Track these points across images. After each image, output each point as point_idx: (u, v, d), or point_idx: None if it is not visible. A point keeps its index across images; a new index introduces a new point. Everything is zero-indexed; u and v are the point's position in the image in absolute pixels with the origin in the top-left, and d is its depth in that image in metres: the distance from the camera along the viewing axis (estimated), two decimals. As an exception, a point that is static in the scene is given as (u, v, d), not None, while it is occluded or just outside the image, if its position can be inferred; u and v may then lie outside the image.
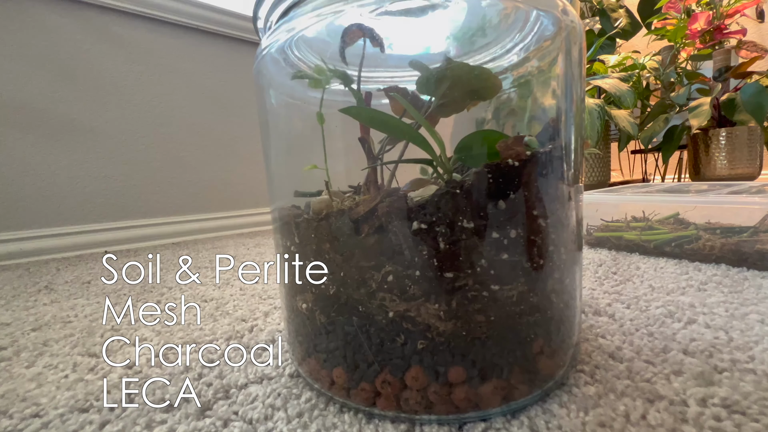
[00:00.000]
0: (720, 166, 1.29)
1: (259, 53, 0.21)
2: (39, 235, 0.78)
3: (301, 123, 0.25)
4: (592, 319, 0.28)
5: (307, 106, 0.22)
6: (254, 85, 0.23)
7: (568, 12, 0.18)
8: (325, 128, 0.22)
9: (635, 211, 0.54)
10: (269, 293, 0.41)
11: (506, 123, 0.25)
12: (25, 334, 0.33)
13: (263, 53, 0.21)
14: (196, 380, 0.23)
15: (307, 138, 0.24)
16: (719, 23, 1.53)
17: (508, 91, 0.22)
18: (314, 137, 0.22)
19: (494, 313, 0.17)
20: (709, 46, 1.56)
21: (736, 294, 0.31)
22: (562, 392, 0.19)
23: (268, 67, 0.21)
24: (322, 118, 0.23)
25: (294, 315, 0.21)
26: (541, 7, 0.18)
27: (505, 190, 0.16)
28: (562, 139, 0.19)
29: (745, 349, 0.22)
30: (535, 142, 0.20)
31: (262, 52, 0.21)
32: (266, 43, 0.20)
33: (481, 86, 0.21)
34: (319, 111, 0.23)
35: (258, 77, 0.22)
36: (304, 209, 0.21)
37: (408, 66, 0.21)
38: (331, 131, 0.22)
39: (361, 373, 0.18)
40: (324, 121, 0.23)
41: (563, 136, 0.19)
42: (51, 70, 0.80)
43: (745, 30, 1.52)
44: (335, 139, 0.22)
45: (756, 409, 0.17)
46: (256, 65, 0.22)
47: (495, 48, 0.23)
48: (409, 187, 0.24)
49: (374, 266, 0.17)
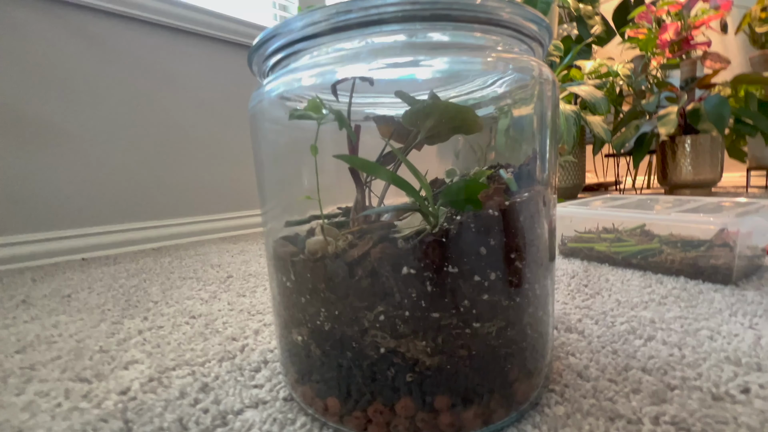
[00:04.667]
0: (685, 171, 1.37)
1: (257, 96, 0.22)
2: (10, 243, 0.75)
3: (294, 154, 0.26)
4: (564, 336, 0.30)
5: (303, 135, 0.23)
6: (250, 120, 0.24)
7: (543, 72, 0.20)
8: (316, 155, 0.23)
9: (606, 223, 0.58)
10: (258, 308, 0.42)
11: (482, 152, 0.27)
12: (8, 357, 0.33)
13: (261, 97, 0.22)
14: (192, 406, 0.24)
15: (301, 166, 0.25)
16: (686, 34, 1.61)
17: (487, 117, 0.24)
18: (307, 165, 0.23)
19: (475, 348, 0.18)
20: (677, 55, 1.64)
21: (691, 308, 0.35)
22: (535, 413, 0.21)
23: (266, 108, 0.22)
24: (315, 150, 0.24)
25: (289, 344, 0.22)
26: (518, 70, 0.20)
27: (486, 238, 0.18)
28: (538, 182, 0.21)
29: (694, 366, 0.25)
30: (512, 182, 0.22)
31: (260, 95, 0.22)
32: (264, 90, 0.21)
33: (464, 124, 0.22)
34: (313, 144, 0.24)
35: (255, 116, 0.23)
36: (298, 244, 0.22)
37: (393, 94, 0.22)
38: (322, 158, 0.23)
39: (354, 402, 0.19)
40: (317, 152, 0.24)
41: (539, 176, 0.21)
42: (21, 70, 0.77)
43: (710, 42, 1.61)
44: (326, 163, 0.23)
45: (699, 426, 0.19)
46: (253, 106, 0.23)
47: (478, 80, 0.24)
48: (394, 214, 0.25)
49: (367, 306, 0.18)
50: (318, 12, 0.18)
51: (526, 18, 0.19)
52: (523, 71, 0.20)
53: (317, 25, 0.18)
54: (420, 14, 0.17)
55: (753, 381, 0.23)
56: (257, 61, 0.22)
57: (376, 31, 0.18)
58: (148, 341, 0.34)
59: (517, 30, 0.19)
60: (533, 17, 0.19)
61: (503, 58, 0.19)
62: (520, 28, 0.19)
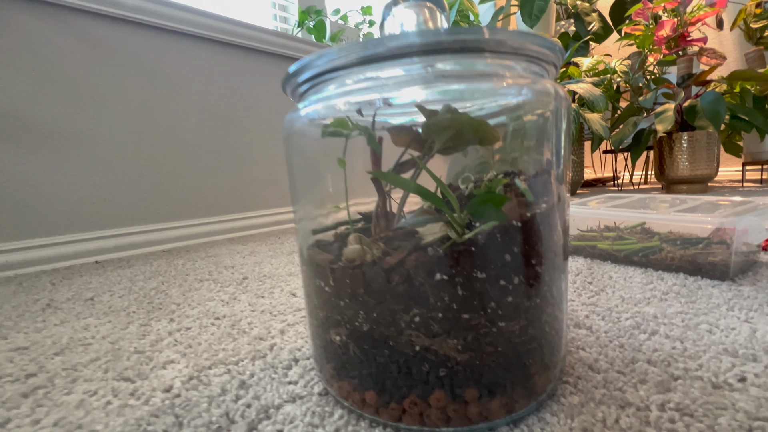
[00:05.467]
0: (682, 167, 1.39)
1: (292, 118, 0.24)
2: (24, 247, 0.76)
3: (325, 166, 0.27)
4: (573, 332, 0.32)
5: (332, 150, 0.25)
6: (285, 139, 0.26)
7: (558, 92, 0.22)
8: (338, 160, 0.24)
9: (608, 221, 0.60)
10: (278, 309, 0.44)
11: (491, 154, 0.29)
12: (48, 359, 0.35)
13: (297, 120, 0.23)
14: (234, 402, 0.26)
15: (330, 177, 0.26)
16: (683, 31, 1.63)
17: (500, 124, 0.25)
18: (335, 175, 0.25)
19: (501, 345, 0.20)
20: (674, 52, 1.66)
21: (691, 304, 0.37)
22: (552, 402, 0.23)
23: (300, 129, 0.24)
24: (343, 163, 0.26)
25: (325, 343, 0.24)
26: (535, 93, 0.22)
27: (510, 246, 0.20)
28: (554, 193, 0.23)
29: (695, 357, 0.27)
30: (528, 192, 0.23)
31: (295, 118, 0.24)
32: (299, 114, 0.23)
33: (481, 136, 0.24)
34: (341, 158, 0.26)
35: (290, 136, 0.25)
36: (332, 252, 0.24)
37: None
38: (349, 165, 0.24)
39: (391, 396, 0.21)
40: (345, 165, 0.26)
41: (554, 189, 0.23)
42: (30, 76, 0.78)
43: (706, 38, 1.63)
44: (350, 171, 0.25)
45: (701, 411, 0.22)
46: (288, 127, 0.24)
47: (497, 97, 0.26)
48: (415, 220, 0.27)
49: (403, 309, 0.20)
50: (350, 47, 0.19)
51: (540, 45, 0.21)
52: (539, 94, 0.22)
53: (349, 57, 0.20)
54: (444, 47, 0.19)
55: (749, 371, 0.25)
56: (291, 85, 0.24)
57: (403, 63, 0.20)
58: (180, 342, 0.36)
59: (533, 56, 0.21)
60: (548, 44, 0.21)
61: (519, 84, 0.21)
62: (535, 54, 0.21)
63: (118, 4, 0.86)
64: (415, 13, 0.27)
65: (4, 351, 0.37)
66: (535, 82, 0.21)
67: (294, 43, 1.24)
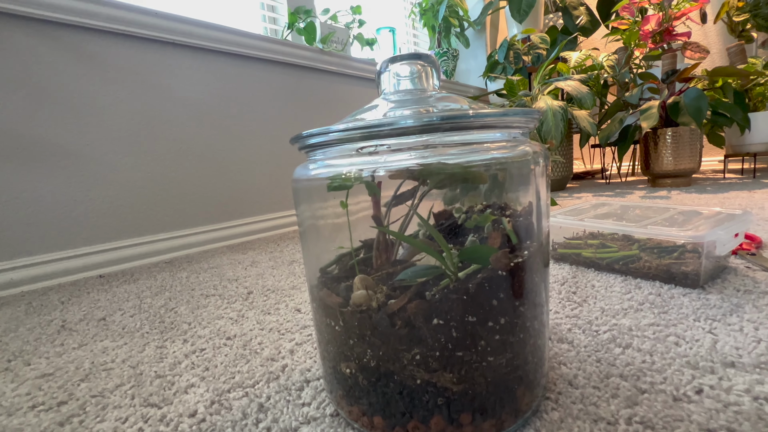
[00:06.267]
0: (666, 162, 1.44)
1: (302, 173, 0.27)
2: (28, 264, 0.78)
3: (329, 214, 0.30)
4: (556, 347, 0.36)
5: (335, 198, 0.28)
6: (295, 191, 0.28)
7: (535, 151, 0.25)
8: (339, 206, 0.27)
9: (592, 229, 0.64)
10: (285, 327, 0.47)
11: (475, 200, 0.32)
12: (75, 385, 0.37)
13: (306, 176, 0.26)
14: (255, 425, 0.29)
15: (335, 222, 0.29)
16: (668, 25, 1.66)
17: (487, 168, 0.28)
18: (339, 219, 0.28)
19: (490, 375, 0.24)
20: (659, 46, 1.69)
21: (663, 314, 0.41)
22: (536, 419, 0.27)
23: (309, 184, 0.27)
24: (345, 204, 0.29)
25: (337, 374, 0.27)
26: (515, 156, 0.25)
27: (496, 293, 0.23)
28: (536, 239, 0.26)
29: (661, 371, 0.31)
30: (513, 234, 0.27)
31: (305, 174, 0.26)
32: (309, 172, 0.26)
33: (472, 178, 0.27)
34: (343, 200, 0.29)
35: (299, 189, 0.27)
36: (340, 293, 0.27)
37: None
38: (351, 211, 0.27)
39: (396, 421, 0.25)
40: (347, 206, 0.29)
41: (536, 235, 0.26)
42: (26, 94, 0.78)
43: (690, 32, 1.66)
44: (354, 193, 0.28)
45: (661, 424, 0.25)
46: (298, 180, 0.27)
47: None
48: (409, 253, 0.30)
49: (405, 348, 0.23)
50: (353, 126, 0.22)
51: (521, 115, 0.24)
52: (519, 155, 0.25)
53: (352, 134, 0.23)
54: (437, 128, 0.22)
55: (705, 383, 0.29)
56: (301, 144, 0.26)
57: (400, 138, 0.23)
58: (197, 365, 0.39)
59: (512, 126, 0.24)
60: (526, 115, 0.24)
61: (500, 150, 0.24)
62: (515, 125, 0.24)
63: (110, 18, 0.86)
64: (408, 68, 0.30)
65: (31, 378, 0.39)
66: (514, 148, 0.24)
67: (285, 48, 1.25)
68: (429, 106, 0.27)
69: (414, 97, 0.28)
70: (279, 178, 1.25)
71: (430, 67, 0.29)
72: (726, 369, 0.30)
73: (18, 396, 0.36)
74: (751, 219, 0.51)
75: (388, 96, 0.29)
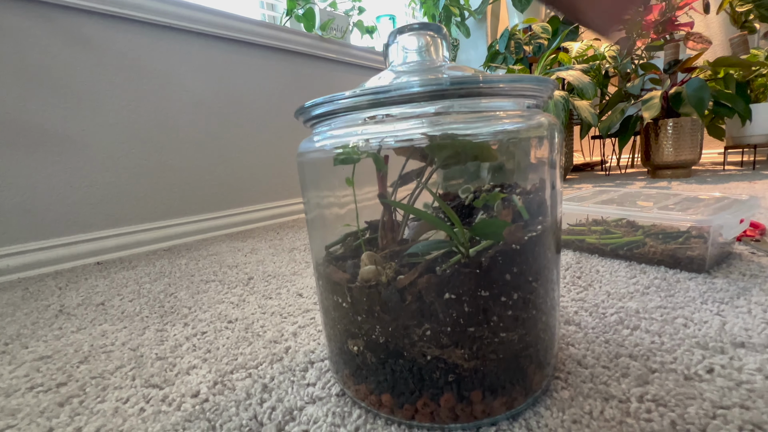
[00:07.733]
0: (667, 153, 1.43)
1: (307, 146, 0.26)
2: (25, 250, 0.77)
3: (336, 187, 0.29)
4: (564, 329, 0.36)
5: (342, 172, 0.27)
6: (299, 165, 0.27)
7: (553, 123, 0.24)
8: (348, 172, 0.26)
9: (595, 215, 0.63)
10: (287, 311, 0.46)
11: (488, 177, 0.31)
12: (74, 367, 0.37)
13: (311, 148, 0.25)
14: (260, 405, 0.28)
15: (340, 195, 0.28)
16: (671, 15, 1.64)
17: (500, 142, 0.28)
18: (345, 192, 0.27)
19: (502, 352, 0.23)
20: (661, 36, 1.68)
21: (670, 298, 0.40)
22: (546, 397, 0.26)
23: (314, 157, 0.26)
24: (351, 182, 0.28)
25: (343, 351, 0.27)
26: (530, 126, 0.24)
27: (510, 267, 0.22)
28: (549, 215, 0.25)
29: (671, 351, 0.31)
30: (524, 210, 0.26)
31: (309, 146, 0.25)
32: (314, 144, 0.25)
33: (481, 154, 0.26)
34: (349, 177, 0.28)
35: (304, 163, 0.26)
36: (347, 270, 0.26)
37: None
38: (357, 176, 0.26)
39: (405, 398, 0.24)
40: (353, 184, 0.28)
41: (549, 211, 0.25)
42: (19, 78, 0.76)
43: (693, 22, 1.65)
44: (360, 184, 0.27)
45: (674, 402, 0.25)
46: (303, 154, 0.26)
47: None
48: (415, 232, 0.29)
49: (416, 324, 0.23)
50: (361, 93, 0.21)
51: (534, 82, 0.23)
52: (534, 126, 0.24)
53: (359, 100, 0.22)
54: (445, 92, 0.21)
55: (716, 362, 0.29)
56: (305, 117, 0.25)
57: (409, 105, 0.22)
58: (198, 347, 0.39)
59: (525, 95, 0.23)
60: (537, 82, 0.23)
61: (513, 120, 0.23)
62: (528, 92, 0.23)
63: (105, 0, 0.84)
64: (417, 39, 0.29)
65: (29, 360, 0.39)
66: (529, 118, 0.23)
67: (284, 35, 1.22)
68: (439, 73, 0.26)
69: (422, 68, 0.27)
70: (278, 165, 1.23)
71: (439, 39, 0.28)
72: (736, 349, 0.30)
73: (16, 378, 0.35)
74: (758, 204, 0.50)
75: (395, 67, 0.28)
